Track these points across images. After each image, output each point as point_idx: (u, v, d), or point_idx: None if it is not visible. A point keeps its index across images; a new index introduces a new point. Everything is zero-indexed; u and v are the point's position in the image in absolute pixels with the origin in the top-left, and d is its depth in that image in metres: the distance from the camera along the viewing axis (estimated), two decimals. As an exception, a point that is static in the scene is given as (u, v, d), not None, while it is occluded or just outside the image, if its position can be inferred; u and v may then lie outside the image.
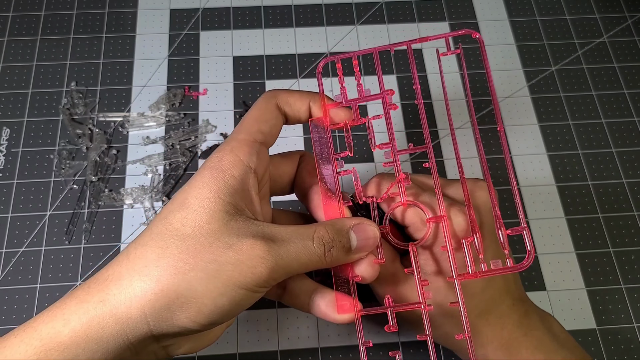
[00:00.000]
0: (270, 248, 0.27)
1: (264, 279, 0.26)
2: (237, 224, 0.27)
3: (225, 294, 0.26)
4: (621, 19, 0.56)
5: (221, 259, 0.26)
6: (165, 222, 0.27)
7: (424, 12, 0.56)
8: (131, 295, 0.26)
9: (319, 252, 0.28)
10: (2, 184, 0.46)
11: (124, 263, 0.27)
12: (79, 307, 0.26)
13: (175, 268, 0.26)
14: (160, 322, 0.26)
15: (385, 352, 0.41)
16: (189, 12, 0.55)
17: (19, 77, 0.51)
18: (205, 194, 0.27)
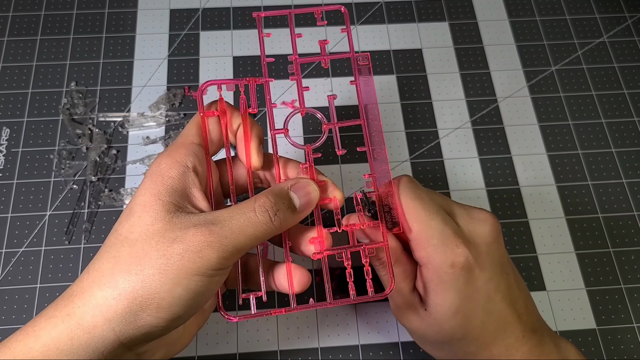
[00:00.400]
0: (212, 230, 0.28)
1: (214, 262, 0.27)
2: (180, 219, 0.28)
3: (179, 284, 0.27)
4: (621, 19, 0.56)
5: (168, 252, 0.27)
6: (115, 233, 0.29)
7: (424, 12, 0.56)
8: (94, 305, 0.27)
9: (264, 219, 0.29)
10: (2, 184, 0.46)
11: (84, 278, 0.28)
12: (48, 323, 0.27)
13: (129, 272, 0.27)
14: (125, 326, 0.27)
15: (385, 352, 0.41)
16: (188, 12, 0.55)
17: (19, 77, 0.51)
18: (147, 199, 0.29)
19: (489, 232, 0.33)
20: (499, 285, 0.33)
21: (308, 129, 0.50)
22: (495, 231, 0.34)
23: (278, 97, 0.51)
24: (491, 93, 0.52)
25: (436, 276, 0.32)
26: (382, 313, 0.43)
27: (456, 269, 0.32)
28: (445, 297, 0.32)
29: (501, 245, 0.34)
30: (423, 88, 0.52)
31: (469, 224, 0.34)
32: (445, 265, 0.32)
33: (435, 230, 0.32)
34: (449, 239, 0.32)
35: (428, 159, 0.49)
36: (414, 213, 0.32)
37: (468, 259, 0.32)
